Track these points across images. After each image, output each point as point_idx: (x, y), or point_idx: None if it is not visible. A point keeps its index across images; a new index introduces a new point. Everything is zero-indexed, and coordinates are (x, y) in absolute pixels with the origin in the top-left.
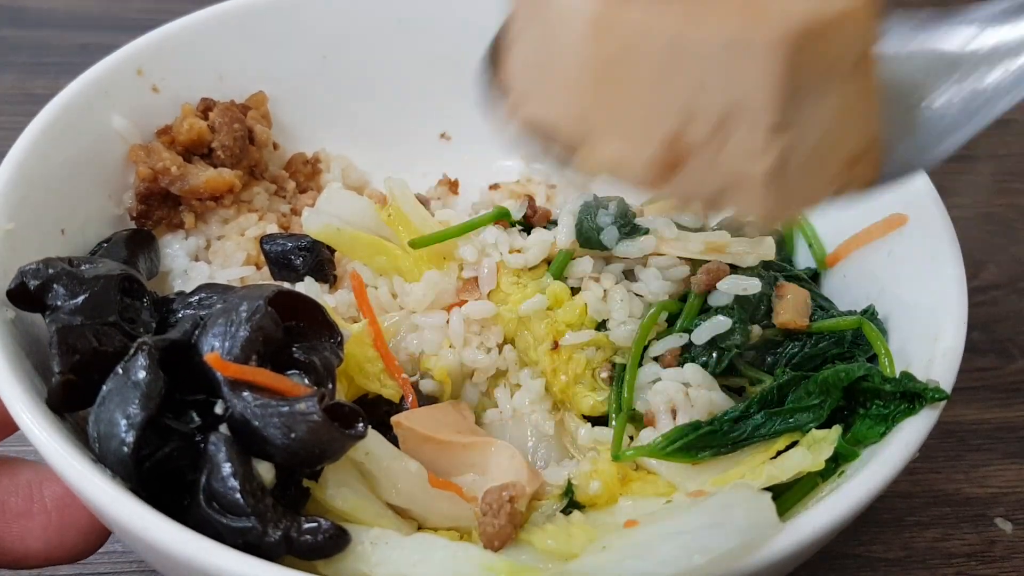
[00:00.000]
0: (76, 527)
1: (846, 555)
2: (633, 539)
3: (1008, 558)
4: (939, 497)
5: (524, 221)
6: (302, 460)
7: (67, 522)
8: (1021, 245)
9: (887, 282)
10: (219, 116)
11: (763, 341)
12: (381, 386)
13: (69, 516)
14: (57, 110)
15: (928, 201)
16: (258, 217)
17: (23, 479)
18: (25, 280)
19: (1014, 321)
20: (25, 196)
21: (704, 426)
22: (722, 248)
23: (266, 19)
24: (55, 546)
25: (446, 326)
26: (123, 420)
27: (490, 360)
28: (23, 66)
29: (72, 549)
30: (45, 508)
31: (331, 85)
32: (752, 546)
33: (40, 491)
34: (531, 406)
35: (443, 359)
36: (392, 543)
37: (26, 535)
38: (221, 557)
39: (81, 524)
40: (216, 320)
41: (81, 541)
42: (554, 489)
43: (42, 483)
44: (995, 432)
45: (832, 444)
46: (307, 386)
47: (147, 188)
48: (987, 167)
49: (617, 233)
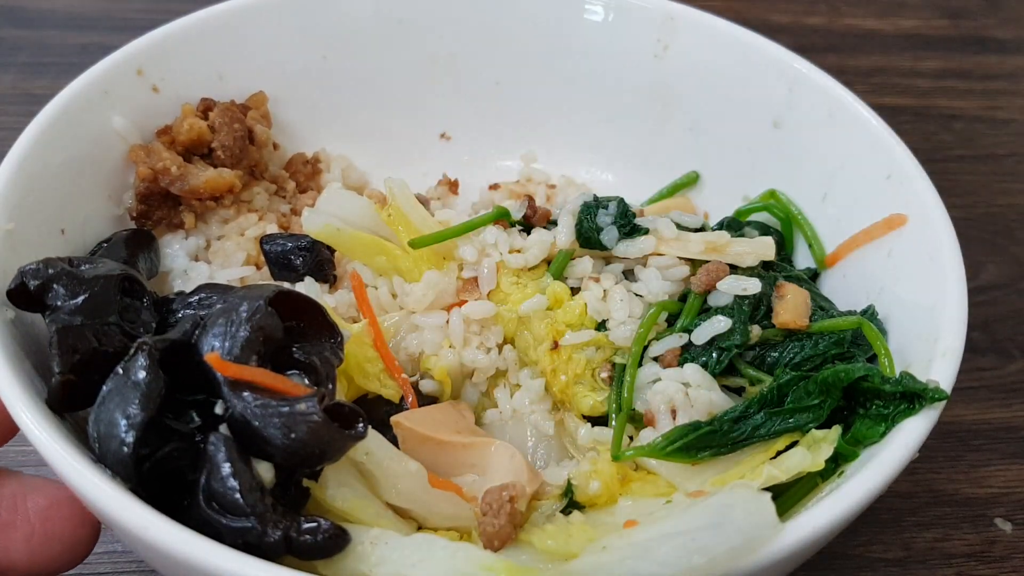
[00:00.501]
0: (60, 539)
1: (846, 555)
2: (633, 539)
3: (1008, 558)
4: (939, 497)
5: (524, 221)
6: (302, 460)
7: (51, 534)
8: (1021, 245)
9: (887, 282)
10: (219, 116)
11: (763, 341)
12: (381, 386)
13: (53, 528)
14: (57, 110)
15: (928, 201)
16: (258, 217)
17: (7, 490)
18: (25, 280)
19: (1014, 321)
20: (25, 196)
21: (704, 426)
22: (722, 248)
23: (266, 19)
24: (38, 558)
25: (446, 326)
26: (123, 420)
27: (490, 360)
28: (23, 66)
29: (56, 561)
30: (28, 519)
31: (331, 85)
32: (752, 546)
33: (24, 502)
34: (531, 406)
35: (443, 359)
36: (392, 543)
37: (9, 546)
38: (221, 557)
39: (65, 536)
40: (216, 320)
41: (65, 553)
42: (554, 489)
43: (26, 494)
44: (995, 432)
45: (832, 444)
46: (307, 386)
47: (147, 188)
48: (987, 167)
49: (617, 233)
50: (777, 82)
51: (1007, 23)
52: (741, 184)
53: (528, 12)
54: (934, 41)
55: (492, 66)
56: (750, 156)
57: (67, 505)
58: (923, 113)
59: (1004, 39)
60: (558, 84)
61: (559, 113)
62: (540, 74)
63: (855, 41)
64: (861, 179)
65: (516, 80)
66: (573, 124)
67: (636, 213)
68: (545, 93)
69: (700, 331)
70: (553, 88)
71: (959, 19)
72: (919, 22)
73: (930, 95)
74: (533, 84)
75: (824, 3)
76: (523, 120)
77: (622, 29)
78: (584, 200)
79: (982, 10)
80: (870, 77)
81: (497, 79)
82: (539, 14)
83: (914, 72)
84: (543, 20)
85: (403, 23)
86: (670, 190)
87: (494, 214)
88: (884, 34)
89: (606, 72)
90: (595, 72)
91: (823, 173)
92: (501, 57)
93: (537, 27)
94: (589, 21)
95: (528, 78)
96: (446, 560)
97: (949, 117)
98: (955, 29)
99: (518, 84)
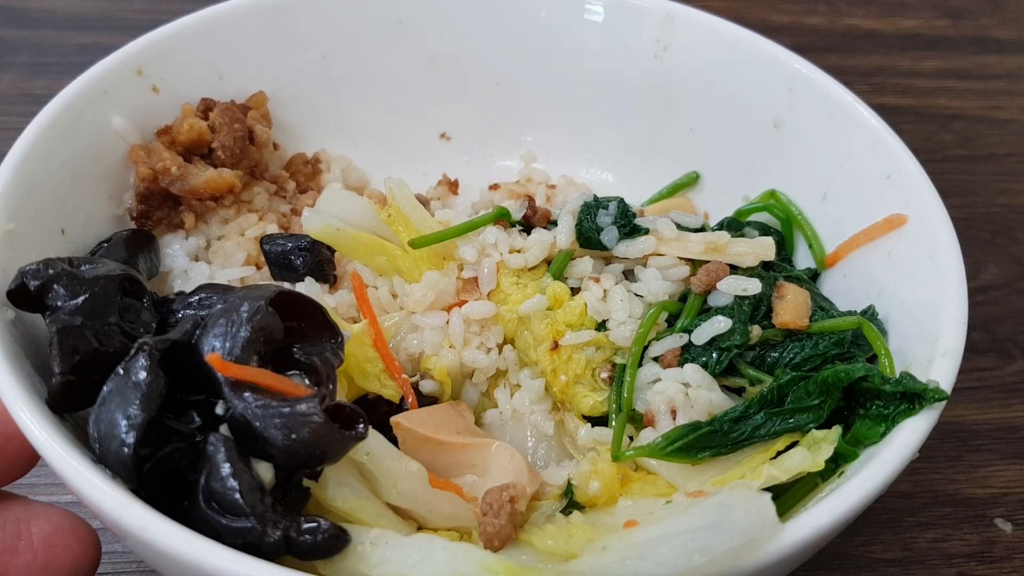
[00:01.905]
0: (60, 567)
1: (846, 555)
2: (633, 539)
3: (1008, 558)
4: (939, 497)
5: (524, 221)
6: (303, 461)
7: (52, 562)
8: (1021, 245)
9: (887, 282)
10: (219, 116)
11: (763, 341)
12: (381, 386)
13: (54, 556)
14: (57, 110)
15: (928, 201)
16: (258, 217)
17: (11, 515)
18: (25, 280)
19: (1014, 321)
20: (25, 196)
21: (704, 426)
22: (722, 249)
23: (266, 19)
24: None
25: (446, 326)
26: (123, 421)
27: (490, 360)
28: (23, 66)
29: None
30: (31, 546)
31: (331, 85)
32: (752, 546)
33: (28, 528)
34: (531, 406)
35: (443, 359)
36: (392, 543)
37: (9, 571)
38: (221, 557)
39: (66, 565)
40: (217, 320)
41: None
42: (554, 489)
43: (31, 520)
44: (995, 432)
45: (832, 444)
46: (308, 387)
47: (147, 188)
48: (987, 167)
49: (617, 233)
50: (777, 82)
51: (1007, 23)
52: (741, 184)
53: (528, 12)
54: (934, 41)
55: (492, 66)
56: (750, 156)
57: (70, 534)
58: (923, 113)
59: (1004, 39)
60: (558, 84)
61: (559, 113)
62: (540, 74)
63: (855, 41)
64: (861, 179)
65: (516, 80)
66: (573, 124)
67: (636, 213)
68: (545, 93)
69: (700, 331)
70: (553, 88)
71: (959, 19)
72: (919, 22)
73: (930, 95)
74: (533, 84)
75: (824, 3)
76: (523, 120)
77: (622, 29)
78: (584, 200)
79: (982, 10)
80: (870, 77)
81: (497, 79)
82: (539, 14)
83: (914, 72)
84: (543, 20)
85: (403, 23)
86: (670, 190)
87: (494, 214)
88: (884, 34)
89: (606, 72)
90: (595, 72)
91: (823, 173)
92: (501, 57)
93: (537, 27)
94: (589, 21)
95: (528, 78)
96: (446, 560)
97: (949, 117)
98: (955, 29)
99: (518, 84)
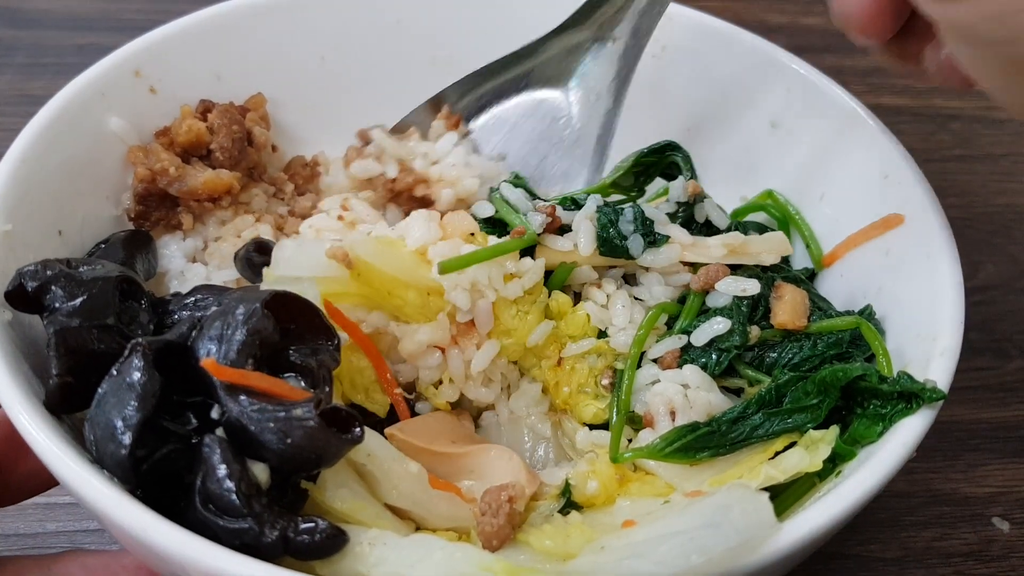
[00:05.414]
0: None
1: (844, 555)
2: (631, 539)
3: (1006, 557)
4: (936, 497)
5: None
6: (299, 465)
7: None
8: (1019, 245)
9: (884, 282)
10: (218, 118)
11: (762, 342)
12: (367, 399)
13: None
14: (54, 111)
15: (925, 201)
16: (255, 219)
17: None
18: (23, 281)
19: (1011, 321)
20: (22, 197)
21: (702, 427)
22: (743, 249)
23: (265, 19)
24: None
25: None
26: (119, 422)
27: (494, 392)
28: (20, 67)
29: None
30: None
31: (331, 86)
32: (750, 546)
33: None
34: (528, 409)
35: (443, 395)
36: (390, 543)
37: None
38: (219, 558)
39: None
40: (212, 323)
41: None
42: (552, 489)
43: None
44: (992, 432)
45: (830, 444)
46: (304, 390)
47: (145, 189)
48: (984, 167)
49: (642, 241)
50: (775, 82)
51: None
52: (738, 184)
53: (527, 13)
54: None
55: None
56: (747, 156)
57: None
58: (921, 113)
59: None
60: None
61: None
62: None
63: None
64: (858, 179)
65: None
66: None
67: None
68: None
69: (699, 332)
70: None
71: None
72: None
73: (928, 95)
74: None
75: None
76: None
77: None
78: (596, 204)
79: None
80: (867, 77)
81: None
82: (538, 15)
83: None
84: (542, 21)
85: (402, 24)
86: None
87: (522, 241)
88: None
89: None
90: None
91: (821, 173)
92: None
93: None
94: None
95: None
96: (444, 560)
97: (947, 117)
98: None
99: None
